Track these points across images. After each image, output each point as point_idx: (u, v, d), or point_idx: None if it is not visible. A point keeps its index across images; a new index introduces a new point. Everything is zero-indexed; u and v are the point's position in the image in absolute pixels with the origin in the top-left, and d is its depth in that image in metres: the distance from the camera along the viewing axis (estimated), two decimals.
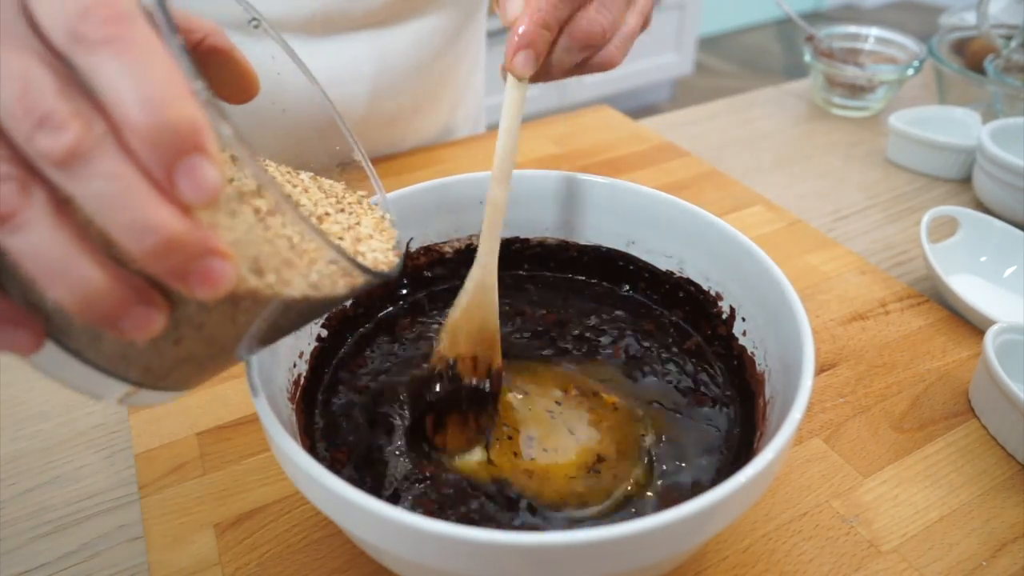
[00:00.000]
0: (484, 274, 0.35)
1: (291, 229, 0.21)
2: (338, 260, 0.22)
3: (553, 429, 0.35)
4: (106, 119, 0.18)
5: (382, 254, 0.28)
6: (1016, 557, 0.34)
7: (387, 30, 0.60)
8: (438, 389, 0.34)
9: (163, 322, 0.20)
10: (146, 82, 0.17)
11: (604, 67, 0.36)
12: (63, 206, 0.18)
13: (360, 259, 0.26)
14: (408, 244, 0.42)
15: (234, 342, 0.23)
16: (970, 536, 0.35)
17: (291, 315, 0.24)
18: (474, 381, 0.34)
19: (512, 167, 0.34)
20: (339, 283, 0.24)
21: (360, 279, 0.24)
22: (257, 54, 0.29)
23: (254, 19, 0.29)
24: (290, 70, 0.30)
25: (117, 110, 0.17)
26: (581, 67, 0.36)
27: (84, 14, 0.17)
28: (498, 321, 0.35)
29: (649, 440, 0.34)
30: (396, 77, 0.63)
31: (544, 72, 0.34)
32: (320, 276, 0.23)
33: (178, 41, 0.18)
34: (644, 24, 0.37)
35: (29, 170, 0.18)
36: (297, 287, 0.22)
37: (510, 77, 0.33)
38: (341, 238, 0.27)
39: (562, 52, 0.34)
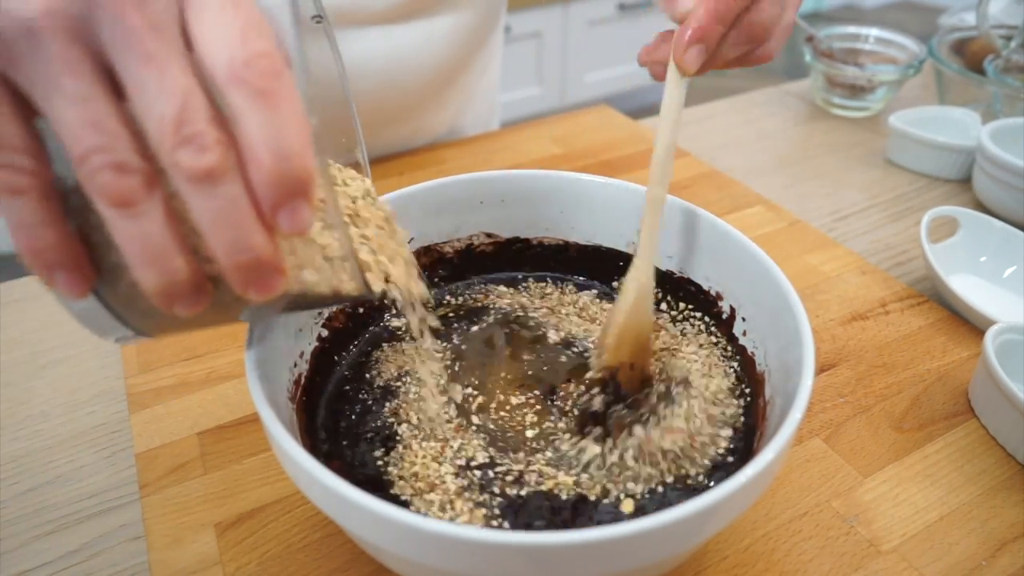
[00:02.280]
0: (646, 277, 0.34)
1: (335, 247, 0.25)
2: (357, 277, 0.26)
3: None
4: (237, 151, 0.20)
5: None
6: (1016, 557, 0.34)
7: (399, 27, 0.60)
8: (601, 403, 0.34)
9: (207, 305, 0.23)
10: (284, 136, 0.20)
11: (762, 60, 0.36)
12: (168, 203, 0.21)
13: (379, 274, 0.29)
14: (408, 244, 0.42)
15: (239, 312, 0.27)
16: (970, 536, 0.35)
17: (303, 303, 0.27)
18: (632, 393, 0.34)
19: (671, 165, 0.34)
20: (351, 288, 0.26)
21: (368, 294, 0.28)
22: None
23: (317, 15, 0.30)
24: (326, 62, 0.31)
25: (252, 151, 0.20)
26: (740, 60, 0.35)
27: (249, 62, 0.20)
28: (651, 326, 0.35)
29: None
30: (405, 75, 0.63)
31: (704, 65, 0.33)
32: (339, 283, 0.26)
33: (309, 91, 0.21)
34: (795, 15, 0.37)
35: (154, 168, 0.20)
36: (320, 286, 0.25)
37: (672, 72, 0.33)
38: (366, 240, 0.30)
39: (728, 46, 0.33)
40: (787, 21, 0.35)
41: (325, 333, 0.38)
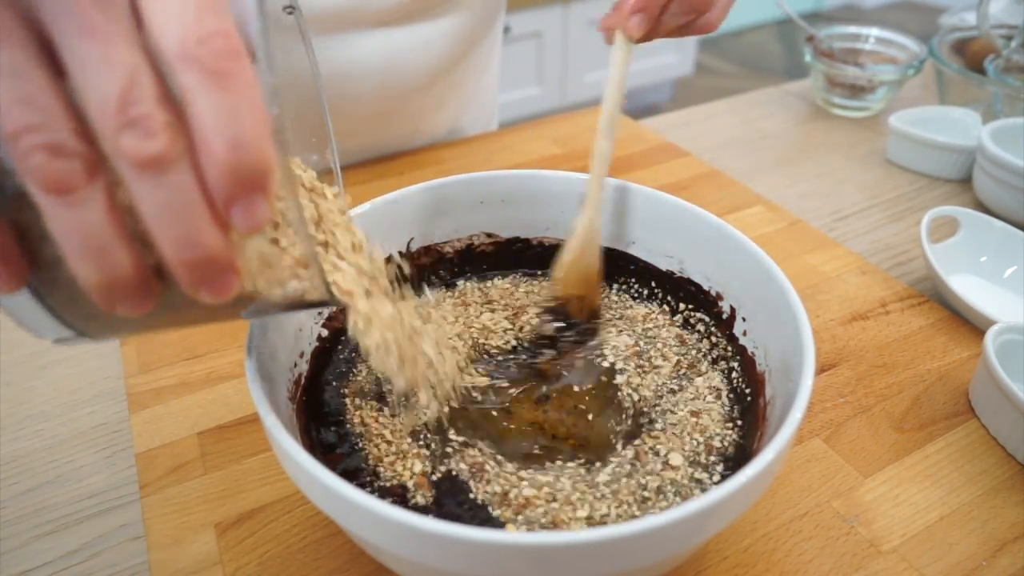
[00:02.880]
0: (593, 216, 0.38)
1: (295, 250, 0.23)
2: (320, 287, 0.24)
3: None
4: (188, 137, 0.18)
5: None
6: (1016, 557, 0.34)
7: (398, 29, 0.60)
8: (553, 329, 0.37)
9: (153, 306, 0.21)
10: (239, 123, 0.18)
11: (704, 30, 0.38)
12: (111, 192, 0.19)
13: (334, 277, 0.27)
14: (408, 244, 0.42)
15: (187, 315, 0.24)
16: (970, 536, 0.35)
17: (258, 308, 0.25)
18: (581, 321, 0.38)
19: (616, 119, 0.37)
20: (313, 295, 0.24)
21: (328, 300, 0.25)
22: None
23: (289, 5, 0.28)
24: (297, 56, 0.30)
25: (204, 137, 0.18)
26: (683, 29, 0.38)
27: (204, 40, 0.18)
28: (601, 263, 0.39)
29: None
30: (404, 77, 0.63)
31: (649, 33, 0.37)
32: (292, 291, 0.24)
33: (271, 80, 0.19)
34: None
35: (96, 152, 0.18)
36: (272, 293, 0.23)
37: (619, 36, 0.36)
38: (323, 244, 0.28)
39: (670, 16, 0.36)
40: None
41: (325, 333, 0.38)
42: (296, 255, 0.23)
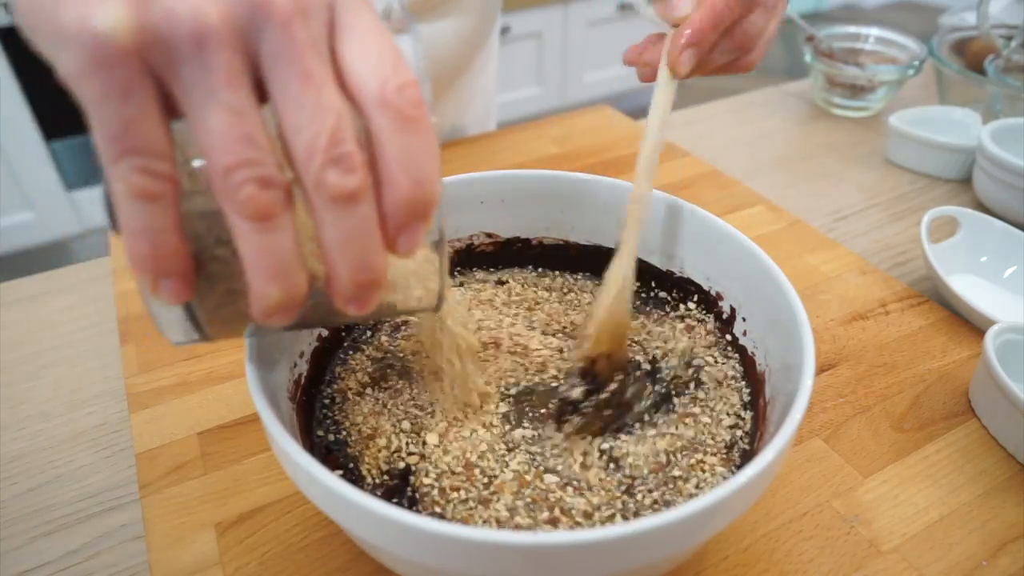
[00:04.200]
0: (628, 271, 0.35)
1: (427, 265, 0.26)
2: (434, 298, 0.27)
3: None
4: (373, 172, 0.21)
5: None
6: (1016, 557, 0.34)
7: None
8: (581, 393, 0.34)
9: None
10: (421, 162, 0.21)
11: (744, 70, 0.37)
12: (294, 219, 0.21)
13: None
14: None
15: (308, 321, 0.29)
16: (970, 536, 0.35)
17: (367, 317, 0.29)
18: (607, 381, 0.35)
19: (657, 162, 0.35)
20: (410, 303, 0.28)
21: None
22: None
23: None
24: None
25: (392, 174, 0.21)
26: (725, 68, 0.37)
27: (401, 89, 0.21)
28: (630, 318, 0.36)
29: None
30: None
31: (692, 70, 0.35)
32: (412, 303, 0.27)
33: (437, 121, 0.22)
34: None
35: (290, 183, 0.21)
36: (396, 304, 0.27)
37: (663, 73, 0.35)
38: None
39: (718, 52, 0.35)
40: (771, 34, 0.37)
41: (325, 333, 0.38)
42: (420, 270, 0.26)
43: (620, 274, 0.35)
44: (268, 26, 0.19)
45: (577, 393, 0.34)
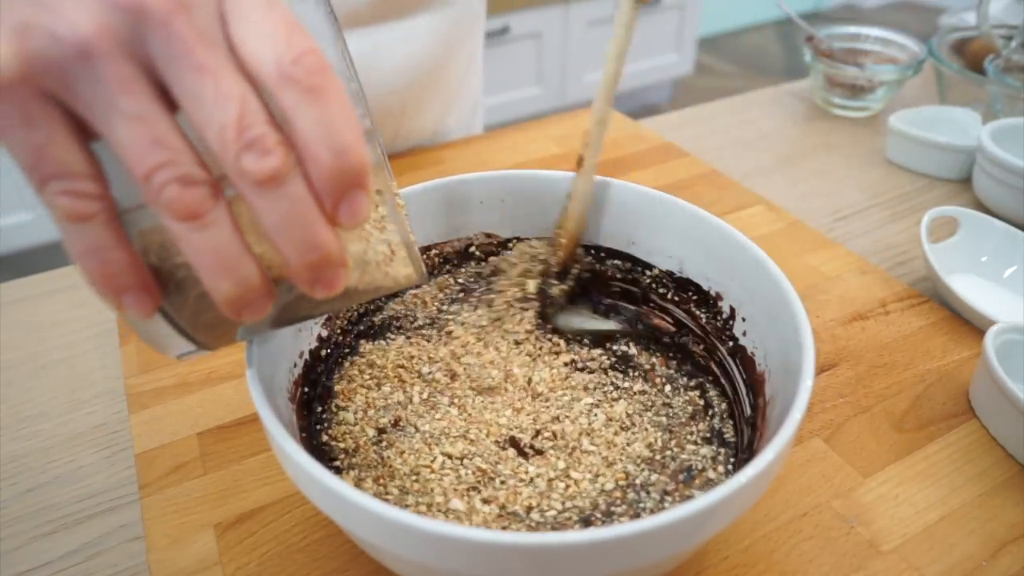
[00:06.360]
0: (589, 185, 0.39)
1: (392, 238, 0.26)
2: (417, 269, 0.27)
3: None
4: (295, 150, 0.20)
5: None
6: (1016, 557, 0.34)
7: (375, 29, 0.60)
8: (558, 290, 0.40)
9: (271, 309, 0.23)
10: (337, 130, 0.20)
11: None
12: (231, 211, 0.21)
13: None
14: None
15: (293, 313, 0.28)
16: (970, 536, 0.35)
17: (352, 299, 0.28)
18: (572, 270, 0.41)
19: (617, 85, 0.37)
20: (398, 279, 0.27)
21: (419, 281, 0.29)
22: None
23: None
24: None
25: (309, 148, 0.20)
26: None
27: (297, 60, 0.20)
28: (584, 227, 0.41)
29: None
30: (384, 77, 0.63)
31: None
32: (390, 278, 0.27)
33: (357, 88, 0.21)
34: None
35: (217, 178, 0.21)
36: (371, 282, 0.26)
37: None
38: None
39: None
40: None
41: (325, 333, 0.38)
42: (393, 243, 0.26)
43: (584, 189, 0.40)
44: (149, 27, 0.19)
45: (555, 291, 0.41)
